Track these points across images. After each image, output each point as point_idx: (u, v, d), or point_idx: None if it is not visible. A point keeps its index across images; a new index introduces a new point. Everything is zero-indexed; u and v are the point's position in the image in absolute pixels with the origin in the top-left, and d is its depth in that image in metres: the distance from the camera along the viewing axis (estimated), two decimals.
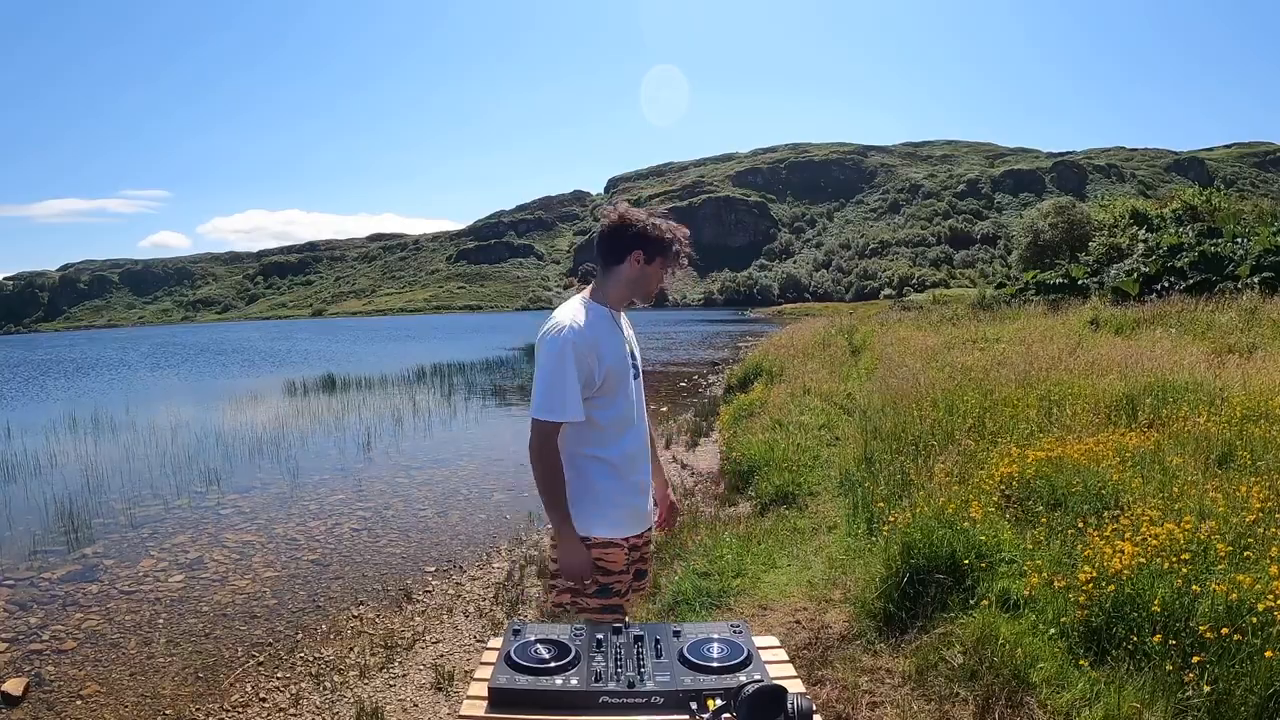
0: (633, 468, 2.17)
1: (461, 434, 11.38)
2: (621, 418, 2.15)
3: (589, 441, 2.12)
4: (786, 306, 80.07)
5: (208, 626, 4.55)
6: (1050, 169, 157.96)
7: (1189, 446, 4.63)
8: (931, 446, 5.25)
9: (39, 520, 6.98)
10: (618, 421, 2.14)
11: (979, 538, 3.56)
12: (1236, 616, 2.58)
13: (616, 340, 2.14)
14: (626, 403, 2.15)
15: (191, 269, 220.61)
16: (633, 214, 2.12)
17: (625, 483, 2.14)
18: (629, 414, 2.16)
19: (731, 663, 1.35)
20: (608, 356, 2.09)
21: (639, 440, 2.21)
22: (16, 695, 3.75)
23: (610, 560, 2.11)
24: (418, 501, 7.37)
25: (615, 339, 2.14)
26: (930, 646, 3.12)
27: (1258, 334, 10.35)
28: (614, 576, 2.10)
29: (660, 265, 2.13)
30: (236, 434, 11.52)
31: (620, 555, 2.13)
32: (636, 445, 2.20)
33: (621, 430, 2.16)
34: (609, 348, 2.10)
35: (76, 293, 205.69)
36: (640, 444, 2.22)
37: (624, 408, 2.15)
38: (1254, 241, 19.00)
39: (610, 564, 2.11)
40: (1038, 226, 32.06)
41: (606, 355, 2.09)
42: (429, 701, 3.57)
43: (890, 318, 23.51)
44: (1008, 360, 8.94)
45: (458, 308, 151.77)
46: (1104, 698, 2.53)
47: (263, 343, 48.19)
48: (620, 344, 2.15)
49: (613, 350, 2.11)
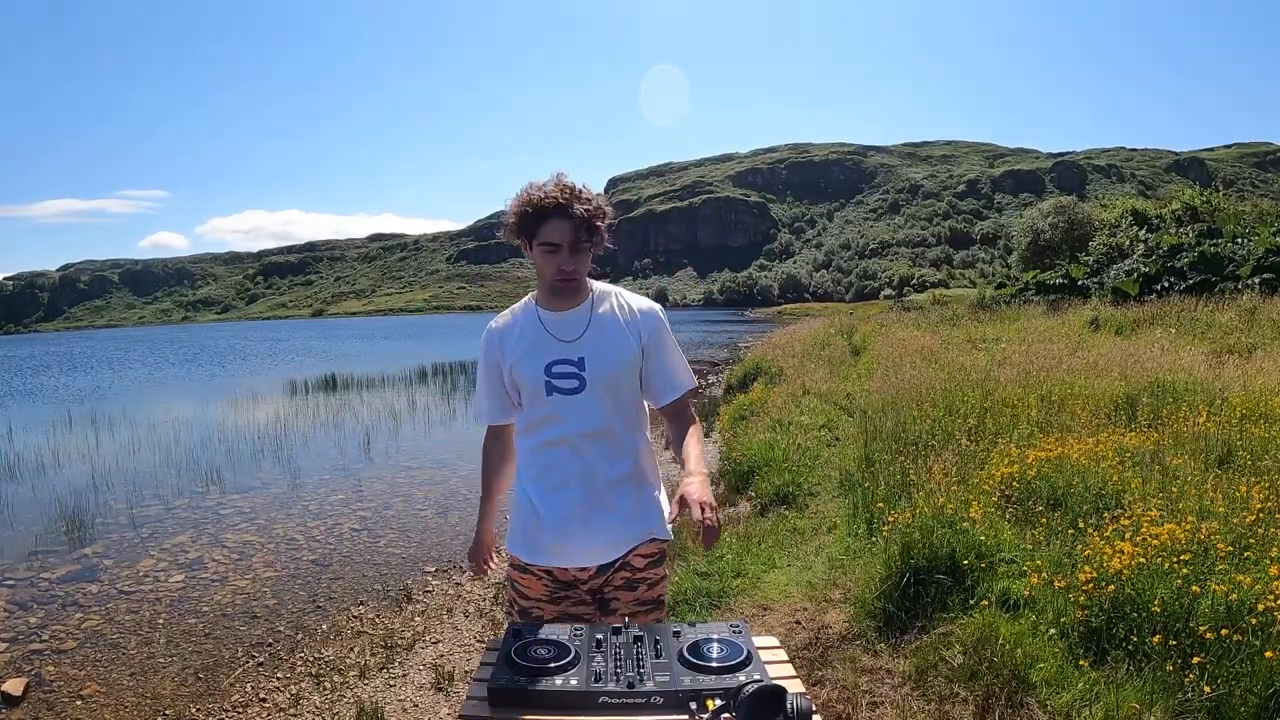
0: (547, 498, 1.84)
1: (461, 434, 11.38)
2: (533, 434, 1.87)
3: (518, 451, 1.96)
4: (786, 307, 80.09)
5: (208, 626, 4.55)
6: (1050, 169, 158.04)
7: (1189, 447, 4.64)
8: (931, 447, 5.25)
9: (39, 520, 6.98)
10: (529, 437, 1.89)
11: (979, 538, 3.56)
12: (1236, 617, 2.58)
13: (536, 344, 1.83)
14: (542, 418, 1.84)
15: (191, 269, 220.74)
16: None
17: (533, 511, 1.86)
18: (546, 433, 1.84)
19: (731, 663, 1.35)
20: (519, 363, 1.84)
21: (562, 469, 1.84)
22: (16, 695, 3.75)
23: (524, 584, 1.90)
24: (418, 501, 7.37)
25: (534, 343, 1.83)
26: (930, 647, 3.12)
27: (1258, 334, 10.35)
28: (531, 601, 1.89)
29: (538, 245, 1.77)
30: (237, 434, 11.52)
31: (535, 583, 1.88)
32: (557, 475, 1.84)
33: (534, 450, 1.88)
34: (521, 352, 1.83)
35: (76, 293, 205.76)
36: (563, 473, 1.84)
37: (539, 423, 1.85)
38: (1254, 242, 19.01)
39: (525, 587, 1.90)
40: (1038, 227, 32.08)
41: (517, 361, 1.84)
42: (429, 701, 3.57)
43: (890, 318, 23.51)
44: (1008, 360, 8.94)
45: (458, 308, 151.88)
46: (1104, 698, 2.53)
47: (260, 344, 48.18)
48: (541, 350, 1.82)
49: (526, 356, 1.83)
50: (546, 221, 1.74)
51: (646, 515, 1.88)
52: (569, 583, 1.86)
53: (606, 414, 1.83)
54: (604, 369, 1.81)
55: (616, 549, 1.84)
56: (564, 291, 1.81)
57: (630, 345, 1.85)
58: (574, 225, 1.73)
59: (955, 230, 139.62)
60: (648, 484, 1.91)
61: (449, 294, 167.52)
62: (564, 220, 1.73)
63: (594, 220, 1.75)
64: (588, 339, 1.83)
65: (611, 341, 1.83)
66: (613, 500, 1.83)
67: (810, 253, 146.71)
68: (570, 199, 1.73)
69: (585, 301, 1.86)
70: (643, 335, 1.87)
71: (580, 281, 1.83)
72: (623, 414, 1.86)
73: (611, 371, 1.82)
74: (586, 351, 1.82)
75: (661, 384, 1.91)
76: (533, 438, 1.87)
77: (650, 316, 1.89)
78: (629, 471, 1.86)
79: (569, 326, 1.83)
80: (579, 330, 1.83)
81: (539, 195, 1.73)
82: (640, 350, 1.86)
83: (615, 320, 1.86)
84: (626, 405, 1.87)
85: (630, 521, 1.85)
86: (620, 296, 1.91)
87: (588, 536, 1.82)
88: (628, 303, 1.90)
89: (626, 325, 1.86)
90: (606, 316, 1.85)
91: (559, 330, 1.83)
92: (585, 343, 1.82)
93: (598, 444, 1.83)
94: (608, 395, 1.82)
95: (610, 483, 1.83)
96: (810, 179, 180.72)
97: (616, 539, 1.83)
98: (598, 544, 1.82)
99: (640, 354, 1.86)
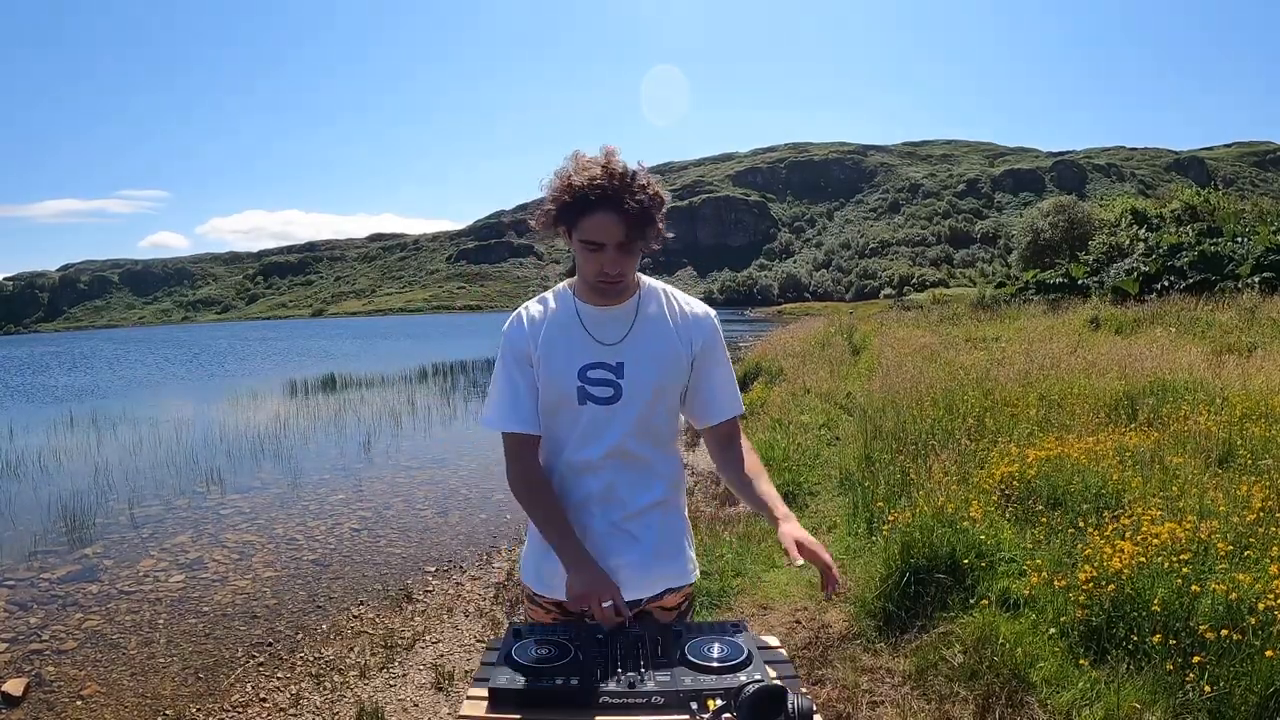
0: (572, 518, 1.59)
1: (461, 434, 11.38)
2: (557, 447, 1.61)
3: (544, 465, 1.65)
4: (786, 306, 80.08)
5: (208, 626, 4.55)
6: (1050, 168, 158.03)
7: (1189, 446, 4.64)
8: (931, 446, 5.25)
9: (39, 520, 6.98)
10: (552, 450, 1.62)
11: (979, 537, 3.56)
12: (1237, 616, 2.58)
13: (571, 343, 1.57)
14: (566, 430, 1.59)
15: (191, 269, 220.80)
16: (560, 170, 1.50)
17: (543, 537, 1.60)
18: (571, 448, 1.58)
19: (731, 663, 1.35)
20: (547, 360, 1.57)
21: (581, 489, 1.59)
22: (16, 695, 3.74)
23: (535, 616, 1.67)
24: (418, 501, 7.37)
25: (570, 340, 1.57)
26: (930, 646, 3.12)
27: (1258, 333, 10.36)
28: None
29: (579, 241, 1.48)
30: (237, 434, 11.52)
31: (544, 615, 1.65)
32: (575, 496, 1.59)
33: (556, 464, 1.61)
34: (552, 350, 1.57)
35: (76, 293, 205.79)
36: (582, 494, 1.59)
37: (561, 436, 1.60)
38: (1254, 241, 19.01)
39: (535, 620, 1.66)
40: (1038, 226, 32.09)
41: (545, 358, 1.57)
42: (429, 701, 3.57)
43: (890, 317, 23.52)
44: (1008, 360, 8.94)
45: (458, 308, 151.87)
46: (1104, 697, 2.53)
47: (260, 344, 48.20)
48: (577, 349, 1.57)
49: (557, 354, 1.57)
50: (590, 215, 1.44)
51: (674, 554, 1.63)
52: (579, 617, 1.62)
53: (641, 430, 1.58)
54: (646, 378, 1.56)
55: (635, 589, 1.57)
56: (610, 293, 1.55)
57: (679, 354, 1.59)
58: (624, 222, 1.44)
59: (955, 229, 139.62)
60: (676, 513, 1.66)
61: (449, 294, 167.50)
62: (612, 215, 1.44)
63: (648, 214, 1.46)
64: (630, 342, 1.57)
65: (657, 347, 1.58)
66: (636, 529, 1.59)
67: (810, 252, 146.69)
68: (621, 189, 1.43)
69: (632, 299, 1.59)
70: (694, 343, 1.61)
71: (629, 283, 1.56)
72: (659, 432, 1.62)
73: (655, 382, 1.57)
74: (628, 356, 1.57)
75: (706, 403, 1.65)
76: (554, 448, 1.62)
77: (705, 323, 1.63)
78: (659, 499, 1.61)
79: (611, 326, 1.57)
80: (622, 331, 1.57)
81: (583, 182, 1.43)
82: (689, 361, 1.61)
83: (664, 323, 1.60)
84: (664, 422, 1.63)
85: (655, 560, 1.60)
86: (672, 296, 1.65)
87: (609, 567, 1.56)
88: (680, 304, 1.64)
89: (676, 330, 1.60)
90: (654, 318, 1.60)
91: (599, 329, 1.57)
92: (627, 346, 1.57)
93: (627, 464, 1.58)
94: (646, 409, 1.57)
95: (636, 510, 1.59)
96: (810, 178, 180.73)
97: (635, 576, 1.58)
98: (620, 575, 1.56)
99: (689, 365, 1.61)
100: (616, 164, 1.45)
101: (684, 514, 1.70)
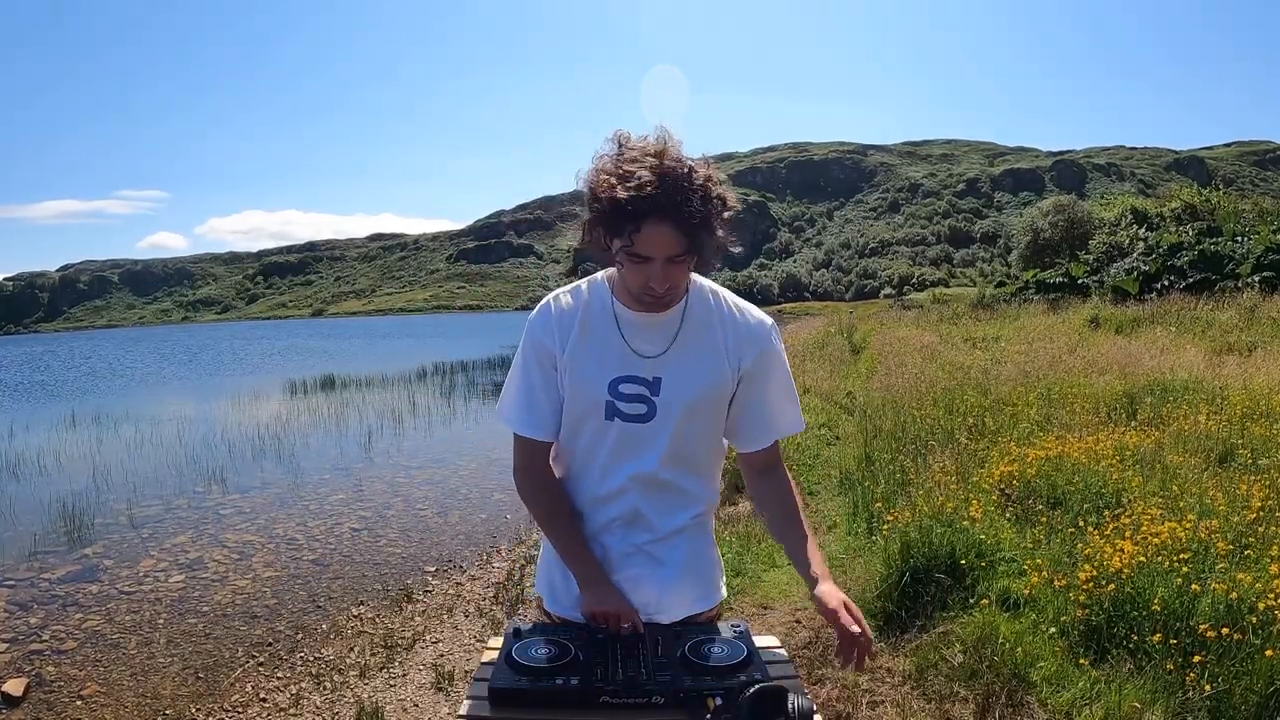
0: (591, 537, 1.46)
1: (461, 434, 11.38)
2: (582, 463, 1.45)
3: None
4: (786, 306, 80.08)
5: (208, 626, 4.55)
6: (1050, 168, 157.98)
7: (1189, 445, 4.64)
8: (931, 445, 5.25)
9: (39, 520, 6.98)
10: (579, 465, 1.46)
11: (979, 537, 3.57)
12: (1237, 615, 2.58)
13: (605, 350, 1.39)
14: (591, 446, 1.43)
15: (191, 269, 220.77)
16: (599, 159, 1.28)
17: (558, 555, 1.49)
18: (597, 467, 1.43)
19: (732, 663, 1.35)
20: (574, 365, 1.40)
21: (610, 508, 1.44)
22: (16, 696, 3.74)
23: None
24: (418, 501, 7.37)
25: (604, 347, 1.39)
26: (930, 646, 3.12)
27: (1257, 332, 10.37)
28: None
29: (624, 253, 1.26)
30: (236, 433, 11.52)
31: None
32: (605, 514, 1.45)
33: (580, 482, 1.46)
34: (582, 354, 1.40)
35: (76, 293, 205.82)
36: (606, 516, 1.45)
37: (586, 451, 1.44)
38: (1254, 240, 19.02)
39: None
40: (1038, 225, 32.14)
41: (573, 363, 1.40)
42: (429, 701, 3.57)
43: (890, 317, 23.53)
44: (1008, 359, 8.95)
45: (458, 307, 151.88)
46: (1104, 697, 2.53)
47: (260, 344, 48.19)
48: (610, 358, 1.39)
49: (588, 361, 1.39)
50: (642, 226, 1.21)
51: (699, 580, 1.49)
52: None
53: (674, 453, 1.41)
54: (683, 396, 1.39)
55: (654, 613, 1.45)
56: (656, 308, 1.35)
57: (721, 372, 1.41)
58: (680, 233, 1.22)
59: (955, 229, 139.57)
60: (705, 538, 1.51)
61: (449, 294, 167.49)
62: (665, 226, 1.21)
63: (709, 223, 1.23)
64: (672, 357, 1.38)
65: (700, 361, 1.39)
66: (661, 553, 1.45)
67: (810, 252, 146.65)
68: (676, 193, 1.19)
69: (680, 303, 1.39)
70: (743, 359, 1.41)
71: (679, 295, 1.36)
72: (695, 456, 1.44)
73: (693, 400, 1.39)
74: (666, 372, 1.38)
75: (753, 425, 1.46)
76: (572, 462, 1.47)
77: (759, 335, 1.43)
78: (687, 524, 1.46)
79: (653, 336, 1.39)
80: (664, 344, 1.38)
81: (629, 193, 1.18)
82: (735, 378, 1.42)
83: (711, 334, 1.41)
84: (702, 445, 1.45)
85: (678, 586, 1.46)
86: (724, 301, 1.44)
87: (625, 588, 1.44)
88: (732, 311, 1.43)
89: (723, 341, 1.41)
90: (700, 327, 1.40)
91: (638, 339, 1.39)
92: (669, 360, 1.38)
93: (657, 488, 1.43)
94: (682, 429, 1.40)
95: (662, 535, 1.44)
96: (810, 178, 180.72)
97: (656, 600, 1.45)
98: (637, 598, 1.44)
99: (733, 383, 1.42)
100: (672, 161, 1.21)
101: (712, 538, 1.55)
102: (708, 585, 1.52)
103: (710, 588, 1.52)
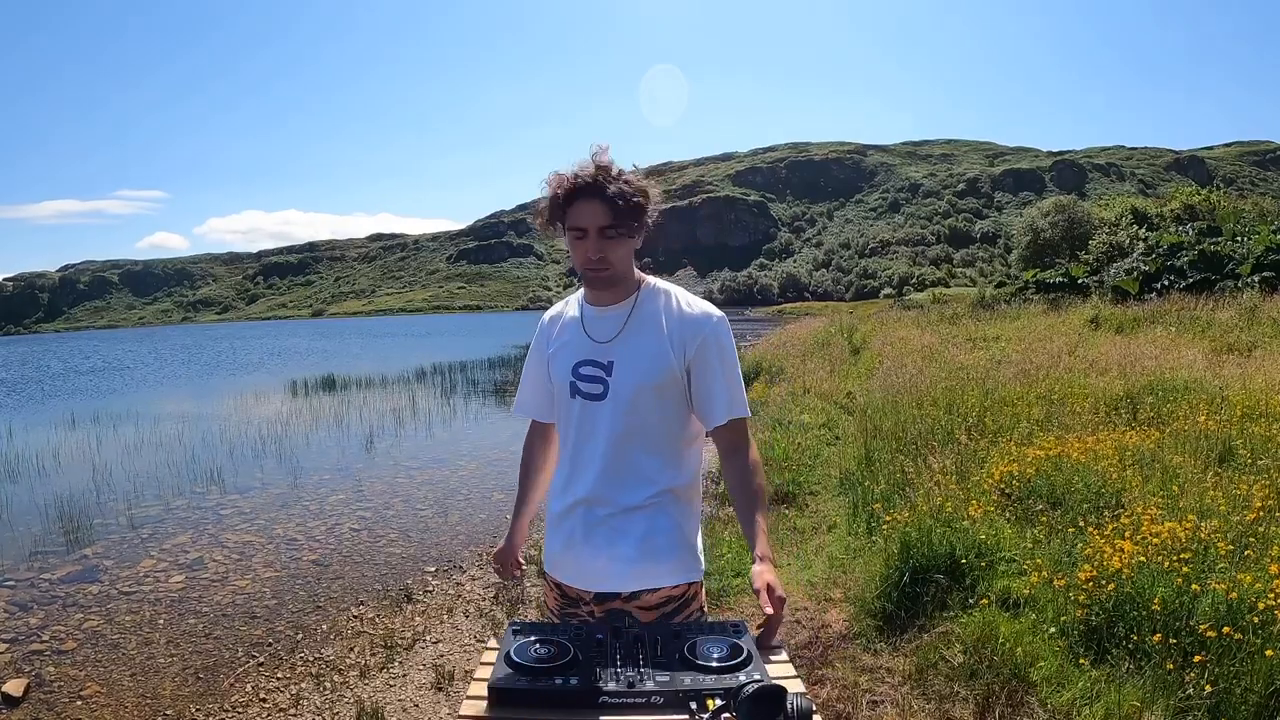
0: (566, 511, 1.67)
1: (461, 434, 11.38)
2: (563, 439, 1.73)
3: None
4: (786, 306, 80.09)
5: (208, 627, 4.55)
6: (1050, 168, 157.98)
7: (1189, 445, 4.63)
8: (931, 445, 5.25)
9: (39, 520, 6.98)
10: (562, 441, 1.74)
11: (979, 537, 3.56)
12: (1237, 615, 2.58)
13: (572, 339, 1.68)
14: (565, 423, 1.70)
15: (191, 269, 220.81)
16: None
17: (552, 520, 1.71)
18: (571, 442, 1.68)
19: (731, 662, 1.35)
20: (554, 356, 1.71)
21: (578, 486, 1.65)
22: (16, 696, 3.74)
23: (546, 593, 1.77)
24: (418, 501, 7.37)
25: (572, 337, 1.69)
26: (930, 645, 3.12)
27: (1257, 332, 10.36)
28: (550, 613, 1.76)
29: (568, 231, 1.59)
30: (236, 433, 11.52)
31: (549, 593, 1.75)
32: (574, 492, 1.65)
33: (561, 456, 1.75)
34: (558, 345, 1.71)
35: (76, 293, 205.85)
36: (576, 493, 1.65)
37: (563, 428, 1.72)
38: (1254, 240, 19.02)
39: (545, 596, 1.78)
40: (1038, 225, 32.14)
41: (554, 354, 1.71)
42: (429, 701, 3.57)
43: (890, 317, 23.51)
44: (1008, 359, 8.95)
45: (458, 308, 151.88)
46: (1104, 697, 2.53)
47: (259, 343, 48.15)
48: (575, 346, 1.67)
49: (562, 350, 1.69)
50: (575, 203, 1.55)
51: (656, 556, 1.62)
52: (574, 599, 1.69)
53: (627, 431, 1.60)
54: (632, 379, 1.60)
55: (617, 581, 1.62)
56: (597, 283, 1.61)
57: (665, 357, 1.60)
58: (604, 207, 1.53)
59: (955, 229, 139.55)
60: (667, 517, 1.63)
61: (449, 294, 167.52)
62: (594, 201, 1.54)
63: (629, 201, 1.54)
64: (621, 341, 1.62)
65: (644, 349, 1.61)
66: (619, 526, 1.61)
67: (810, 252, 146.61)
68: (603, 179, 1.53)
69: (630, 298, 1.64)
70: (687, 346, 1.61)
71: (616, 273, 1.60)
72: (650, 436, 1.62)
73: (640, 382, 1.60)
74: (617, 355, 1.62)
75: (700, 406, 1.64)
76: (561, 442, 1.74)
77: (699, 325, 1.63)
78: (644, 502, 1.62)
79: (606, 324, 1.64)
80: (614, 330, 1.63)
81: (569, 176, 1.56)
82: (679, 364, 1.61)
83: (657, 325, 1.62)
84: (658, 426, 1.62)
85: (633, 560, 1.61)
86: (675, 298, 1.66)
87: (588, 554, 1.62)
88: (680, 306, 1.65)
89: (669, 332, 1.61)
90: (648, 319, 1.63)
91: (595, 328, 1.65)
92: (617, 345, 1.62)
93: (615, 463, 1.61)
94: (632, 409, 1.60)
95: (619, 509, 1.61)
96: (810, 178, 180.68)
97: (617, 568, 1.61)
98: (597, 565, 1.62)
99: (679, 369, 1.61)
100: (602, 158, 1.57)
101: (680, 518, 1.66)
102: (671, 563, 1.63)
103: (674, 566, 1.64)
